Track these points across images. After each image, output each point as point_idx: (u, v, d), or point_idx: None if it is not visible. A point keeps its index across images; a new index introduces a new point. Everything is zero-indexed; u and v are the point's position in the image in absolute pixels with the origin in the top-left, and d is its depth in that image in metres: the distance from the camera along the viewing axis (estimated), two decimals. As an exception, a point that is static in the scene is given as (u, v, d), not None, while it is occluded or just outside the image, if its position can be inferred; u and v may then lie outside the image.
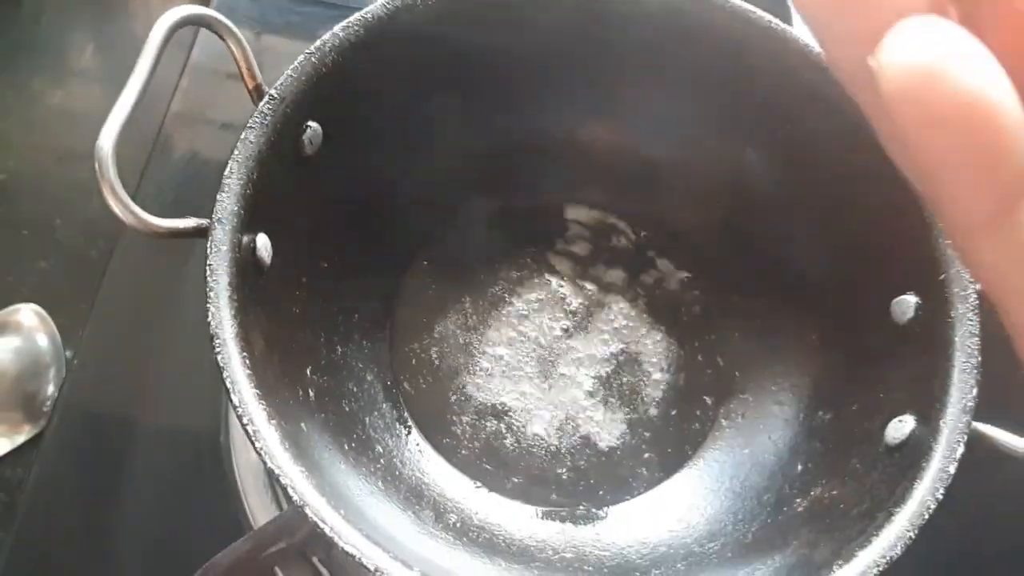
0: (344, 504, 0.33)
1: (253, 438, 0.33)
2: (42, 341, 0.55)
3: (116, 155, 0.34)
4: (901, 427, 0.39)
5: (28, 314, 0.55)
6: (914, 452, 0.37)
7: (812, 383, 0.45)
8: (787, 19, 0.43)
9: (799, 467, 0.43)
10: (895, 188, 0.39)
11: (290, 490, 0.32)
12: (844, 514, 0.39)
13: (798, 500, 0.41)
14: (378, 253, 0.47)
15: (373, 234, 0.46)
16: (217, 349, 0.34)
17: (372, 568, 0.31)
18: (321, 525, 0.32)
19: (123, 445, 0.51)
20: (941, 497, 0.35)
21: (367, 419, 0.43)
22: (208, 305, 0.35)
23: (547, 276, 0.50)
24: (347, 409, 0.43)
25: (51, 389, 0.54)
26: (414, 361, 0.47)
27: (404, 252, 0.49)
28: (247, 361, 0.34)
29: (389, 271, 0.48)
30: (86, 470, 0.51)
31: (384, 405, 0.45)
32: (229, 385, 0.33)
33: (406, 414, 0.46)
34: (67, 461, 0.51)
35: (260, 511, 0.47)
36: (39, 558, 0.48)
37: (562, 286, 0.50)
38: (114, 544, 0.49)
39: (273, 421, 0.34)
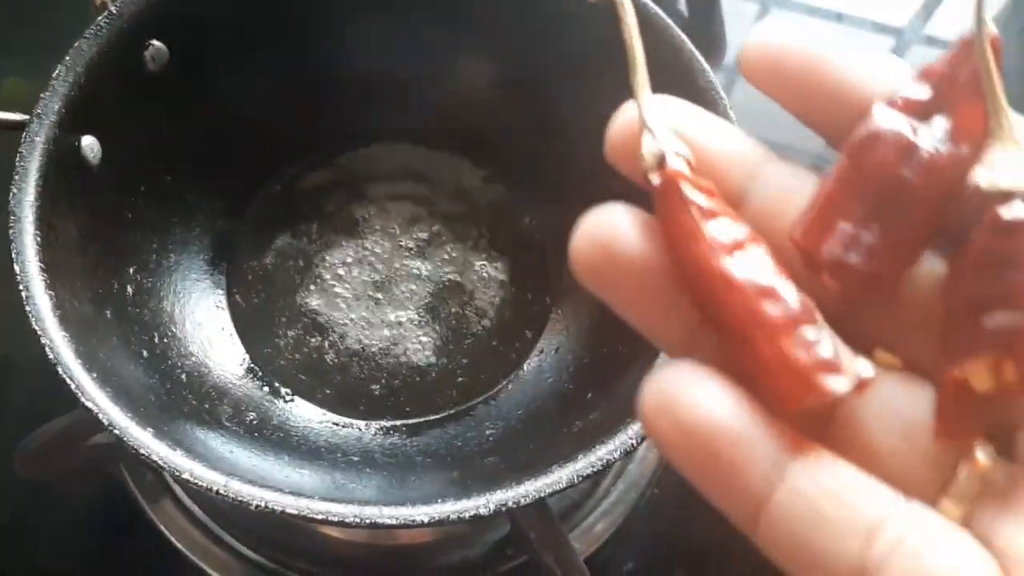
0: (108, 376, 0.36)
1: (25, 302, 0.36)
2: None
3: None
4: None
5: None
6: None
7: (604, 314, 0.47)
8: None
9: (588, 395, 0.45)
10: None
11: (49, 350, 0.35)
12: (608, 432, 0.40)
13: (577, 423, 0.43)
14: (226, 174, 0.50)
15: (221, 155, 0.49)
16: (12, 227, 0.38)
17: (109, 428, 0.34)
18: (72, 384, 0.35)
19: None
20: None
21: (186, 324, 0.46)
22: (12, 187, 0.38)
23: (387, 207, 0.53)
24: (166, 309, 0.46)
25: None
26: (250, 276, 0.50)
27: (253, 174, 0.52)
28: (40, 241, 0.38)
29: (236, 191, 0.51)
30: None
31: (208, 312, 0.48)
32: (14, 255, 0.37)
33: (230, 323, 0.49)
34: None
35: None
36: None
37: (401, 216, 0.52)
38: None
39: (58, 294, 0.37)
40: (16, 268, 0.37)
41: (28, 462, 0.45)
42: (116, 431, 0.34)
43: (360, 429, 0.46)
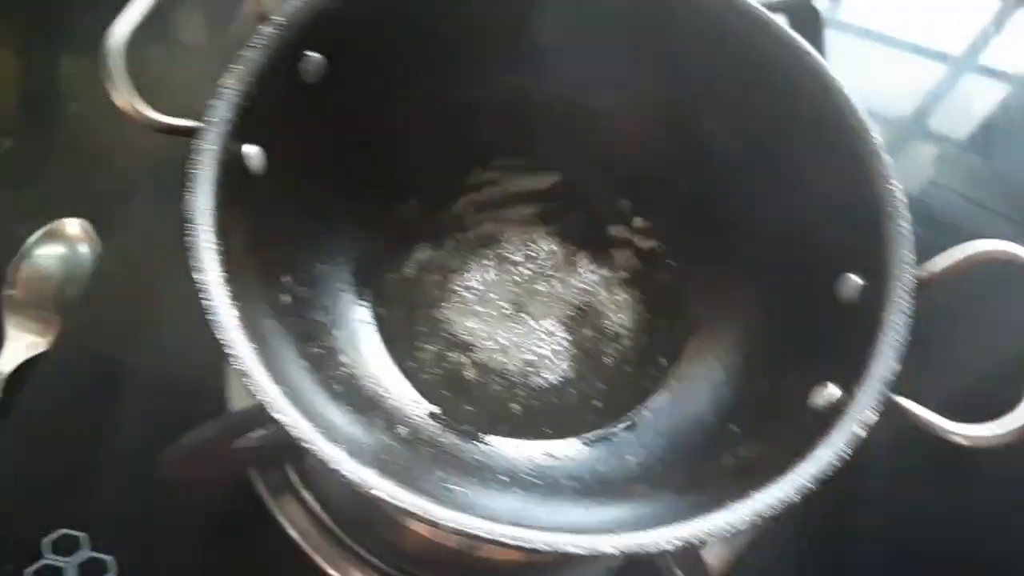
0: (285, 384, 0.36)
1: (209, 311, 0.36)
2: (83, 250, 0.60)
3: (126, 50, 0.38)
4: (825, 394, 0.41)
5: (74, 226, 0.60)
6: (833, 416, 0.39)
7: (759, 352, 0.47)
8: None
9: (733, 427, 0.45)
10: (842, 171, 0.42)
11: (233, 358, 0.35)
12: (764, 472, 0.40)
13: (726, 456, 0.43)
14: (371, 184, 0.50)
15: (368, 166, 0.50)
16: (188, 232, 0.38)
17: (296, 436, 0.34)
18: (254, 386, 0.35)
19: (128, 351, 0.55)
20: (848, 456, 0.37)
21: (335, 332, 0.47)
22: (186, 193, 0.38)
23: (528, 227, 0.53)
24: (318, 320, 0.46)
25: (86, 296, 0.58)
26: (392, 289, 0.50)
27: (396, 186, 0.52)
28: (218, 247, 0.38)
29: (380, 203, 0.51)
30: (94, 367, 0.55)
31: (356, 323, 0.48)
32: (194, 264, 0.37)
33: (376, 335, 0.49)
34: (72, 370, 0.55)
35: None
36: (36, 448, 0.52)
37: (541, 237, 0.52)
38: (110, 440, 0.53)
39: (237, 304, 0.37)
40: (196, 277, 0.37)
41: (176, 465, 0.45)
42: (310, 447, 0.34)
43: (504, 448, 0.46)
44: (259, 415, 0.42)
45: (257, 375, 0.35)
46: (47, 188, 0.63)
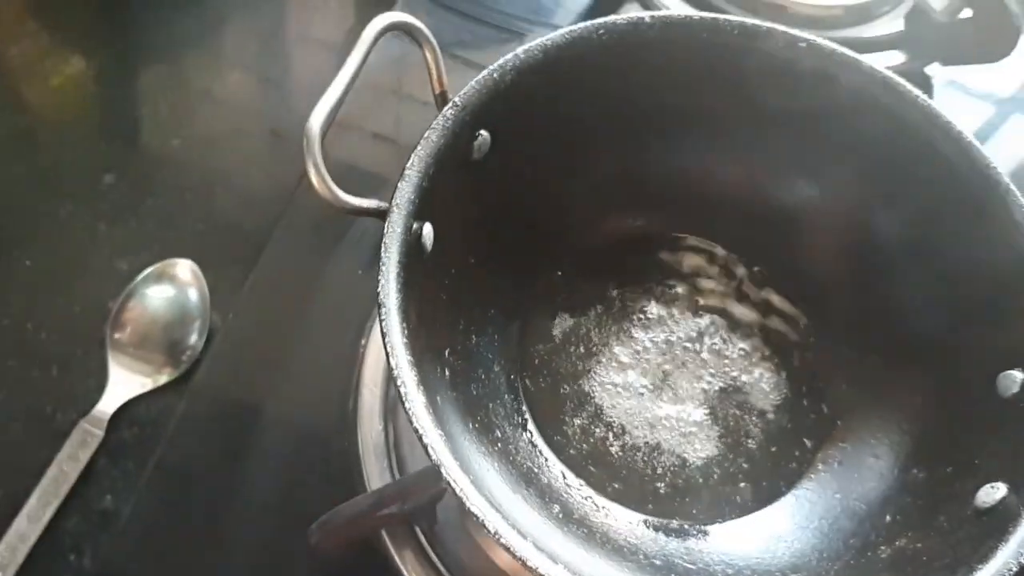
0: (469, 472, 0.37)
1: (404, 398, 0.37)
2: (193, 295, 0.60)
3: (322, 136, 0.39)
4: (993, 493, 0.41)
5: (184, 269, 0.61)
6: (1003, 517, 0.39)
7: (911, 441, 0.47)
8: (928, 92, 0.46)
9: (887, 518, 0.45)
10: (1012, 263, 0.42)
11: (430, 449, 0.36)
12: (926, 565, 0.41)
13: (883, 548, 0.43)
14: (519, 256, 0.51)
15: (517, 239, 0.50)
16: (382, 317, 0.38)
17: (492, 531, 0.35)
18: (453, 484, 0.35)
19: (260, 404, 0.56)
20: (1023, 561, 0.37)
21: (490, 405, 0.47)
22: (379, 277, 0.39)
23: (672, 301, 0.53)
24: (474, 392, 0.46)
25: (194, 339, 0.59)
26: (537, 361, 0.51)
27: (542, 259, 0.53)
28: (405, 331, 0.38)
29: (526, 274, 0.52)
30: (224, 419, 0.56)
31: (506, 396, 0.49)
32: (389, 349, 0.38)
33: (524, 408, 0.49)
34: (208, 413, 0.56)
35: (375, 477, 0.52)
36: (169, 500, 0.53)
37: (685, 312, 0.53)
38: (241, 494, 0.53)
39: (421, 387, 0.38)
40: (392, 362, 0.38)
41: (327, 536, 0.46)
42: (498, 536, 0.34)
43: (654, 529, 0.47)
44: (404, 491, 0.43)
45: (450, 465, 0.36)
46: (150, 226, 0.63)
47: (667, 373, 0.51)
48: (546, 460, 0.48)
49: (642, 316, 0.53)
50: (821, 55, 0.47)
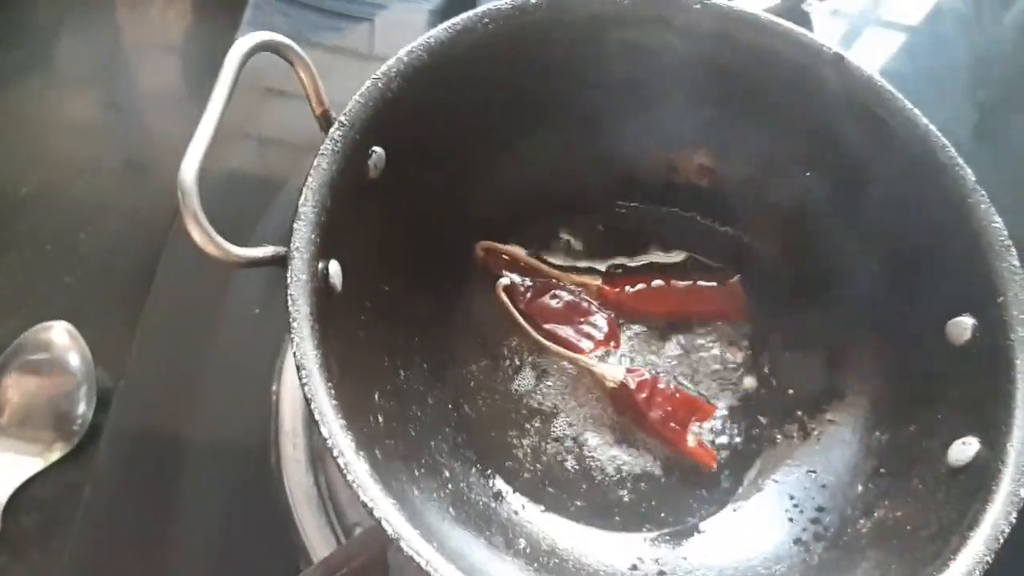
0: (430, 534, 0.33)
1: (345, 471, 0.33)
2: (74, 361, 0.54)
3: (199, 185, 0.34)
4: (965, 450, 0.39)
5: (60, 332, 0.55)
6: (981, 474, 0.38)
7: (869, 403, 0.46)
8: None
9: (859, 487, 0.44)
10: (946, 213, 0.41)
11: (384, 523, 0.32)
12: (912, 535, 0.39)
13: (861, 521, 0.42)
14: (433, 272, 0.47)
15: (429, 254, 0.46)
16: (304, 380, 0.34)
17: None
18: (418, 558, 0.31)
19: (173, 466, 0.50)
20: (1014, 520, 0.36)
21: (432, 443, 0.43)
22: (292, 336, 0.35)
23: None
24: (413, 434, 0.43)
25: (82, 408, 0.53)
26: (472, 383, 0.47)
27: (460, 273, 0.49)
28: (332, 391, 0.34)
29: (447, 292, 0.48)
30: (137, 489, 0.50)
31: (447, 429, 0.45)
32: (318, 417, 0.33)
33: (465, 436, 0.46)
34: (118, 481, 0.50)
35: (313, 531, 0.47)
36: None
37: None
38: (167, 565, 0.48)
39: (361, 452, 0.34)
40: (323, 431, 0.33)
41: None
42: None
43: (628, 545, 0.44)
44: (352, 552, 0.40)
45: (410, 537, 0.32)
46: (13, 288, 0.57)
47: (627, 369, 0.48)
48: (500, 491, 0.45)
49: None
50: (719, 16, 0.45)
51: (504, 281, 0.49)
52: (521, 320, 0.48)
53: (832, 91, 0.43)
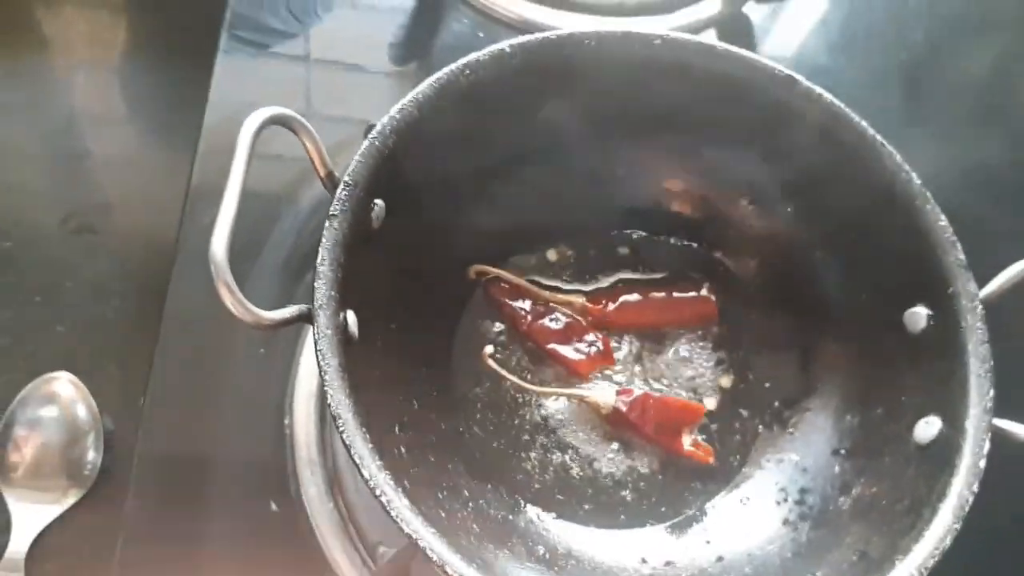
0: (470, 557, 0.37)
1: (388, 508, 0.36)
2: (80, 411, 0.56)
3: (228, 257, 0.36)
4: (928, 428, 0.44)
5: (63, 384, 0.57)
6: (944, 450, 0.42)
7: (839, 391, 0.50)
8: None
9: (836, 468, 0.48)
10: (897, 216, 0.45)
11: (430, 552, 0.35)
12: (889, 509, 0.43)
13: (842, 499, 0.46)
14: (436, 305, 0.50)
15: (430, 288, 0.50)
16: (341, 428, 0.37)
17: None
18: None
19: (195, 509, 0.52)
20: (976, 490, 0.41)
21: (450, 466, 0.47)
22: (326, 389, 0.38)
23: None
24: (432, 459, 0.46)
25: (92, 455, 0.55)
26: (478, 405, 0.51)
27: (458, 302, 0.52)
28: (368, 436, 0.38)
29: (447, 319, 0.52)
30: (168, 524, 0.52)
31: (461, 451, 0.49)
32: (358, 461, 0.37)
33: (478, 456, 0.49)
34: (149, 517, 0.52)
35: (338, 552, 0.50)
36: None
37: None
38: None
39: (399, 490, 0.37)
40: (365, 474, 0.37)
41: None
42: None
43: (635, 541, 0.48)
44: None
45: (454, 563, 0.36)
46: (8, 341, 0.59)
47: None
48: (516, 502, 0.48)
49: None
50: (677, 47, 0.48)
51: (489, 349, 0.52)
52: (511, 377, 0.52)
53: (789, 112, 0.47)
